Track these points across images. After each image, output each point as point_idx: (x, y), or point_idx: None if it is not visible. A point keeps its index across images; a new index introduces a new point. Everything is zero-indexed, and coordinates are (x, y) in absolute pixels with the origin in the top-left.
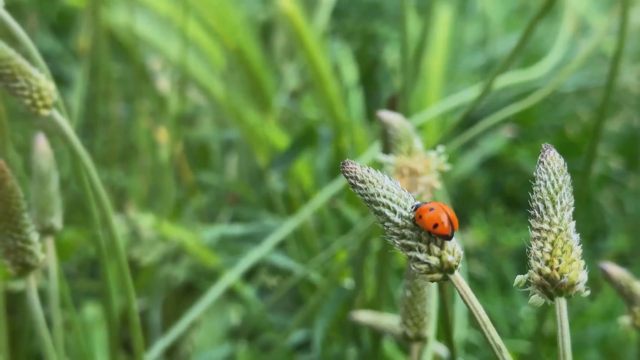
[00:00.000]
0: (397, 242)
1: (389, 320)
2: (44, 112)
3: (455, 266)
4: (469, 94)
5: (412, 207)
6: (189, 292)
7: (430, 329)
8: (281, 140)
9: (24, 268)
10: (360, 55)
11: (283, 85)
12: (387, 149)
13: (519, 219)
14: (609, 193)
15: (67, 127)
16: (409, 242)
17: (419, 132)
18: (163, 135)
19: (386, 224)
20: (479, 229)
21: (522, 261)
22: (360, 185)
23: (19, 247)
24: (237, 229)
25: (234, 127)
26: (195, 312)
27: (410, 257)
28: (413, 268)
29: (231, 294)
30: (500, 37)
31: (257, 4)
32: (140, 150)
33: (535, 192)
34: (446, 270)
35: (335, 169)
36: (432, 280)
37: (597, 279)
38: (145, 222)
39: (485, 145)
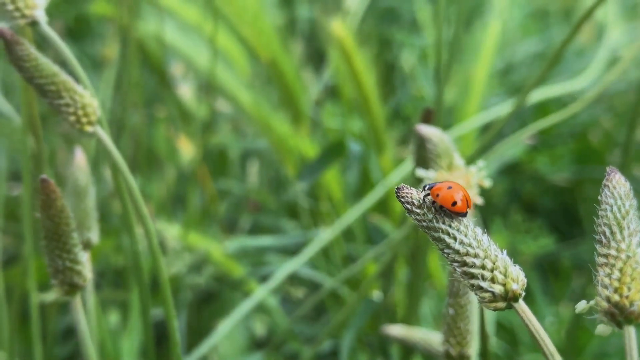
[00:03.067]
0: (458, 269)
1: (421, 335)
2: (88, 129)
3: (520, 294)
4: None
5: (425, 187)
6: (209, 299)
7: (473, 348)
8: (310, 150)
9: (72, 288)
10: (377, 60)
11: (307, 93)
12: (422, 163)
13: (538, 226)
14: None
15: (110, 143)
16: (472, 270)
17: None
18: (184, 142)
19: (445, 250)
20: (497, 236)
21: (542, 269)
22: (417, 211)
23: (68, 267)
24: (265, 240)
25: (259, 135)
26: (225, 326)
27: (472, 286)
28: (476, 296)
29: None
30: (518, 41)
31: (275, 9)
32: (160, 157)
33: (601, 217)
34: (510, 299)
35: (365, 182)
36: (496, 309)
37: None
38: (171, 232)
39: (504, 152)
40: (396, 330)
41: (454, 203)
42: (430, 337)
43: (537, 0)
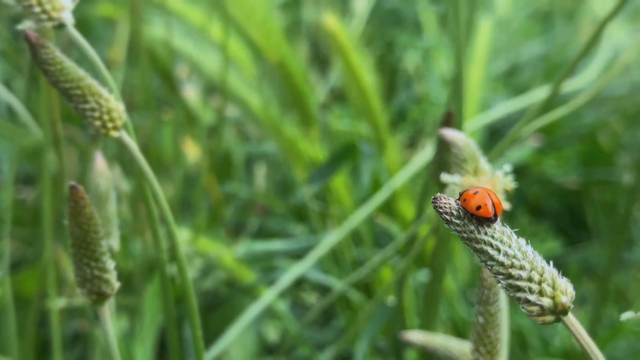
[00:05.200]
0: (502, 282)
1: (441, 341)
2: (114, 134)
3: (570, 307)
4: (507, 105)
5: (460, 194)
6: (218, 305)
7: (503, 356)
8: (319, 153)
9: (100, 297)
10: (380, 62)
11: (315, 96)
12: (444, 167)
13: (544, 229)
14: None
15: (135, 147)
16: (518, 283)
17: None
18: (190, 146)
19: (489, 262)
20: None
21: None
22: (457, 221)
23: (96, 275)
24: (275, 244)
25: (266, 138)
26: (235, 330)
27: (519, 299)
28: (523, 310)
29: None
30: (522, 43)
31: (279, 11)
32: (166, 161)
33: None
34: (559, 312)
35: (375, 184)
36: (544, 323)
37: (627, 292)
38: (182, 237)
39: (511, 155)
40: (415, 336)
41: (479, 207)
42: (450, 343)
43: (539, 1)
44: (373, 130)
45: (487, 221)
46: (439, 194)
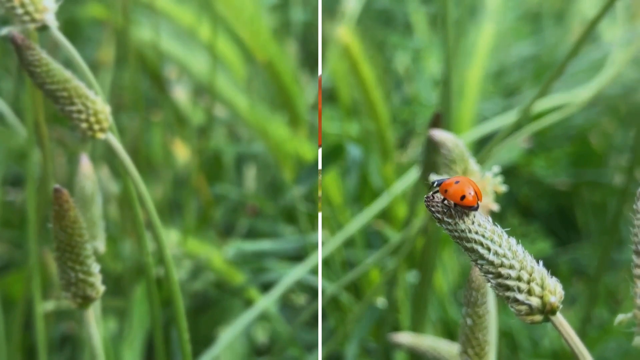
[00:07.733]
0: (492, 281)
1: (429, 343)
2: (101, 136)
3: (558, 307)
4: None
5: (434, 183)
6: (207, 306)
7: (491, 358)
8: (308, 154)
9: (85, 301)
10: (372, 63)
11: (304, 96)
12: (433, 168)
13: (534, 230)
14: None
15: (122, 150)
16: (507, 282)
17: None
18: (179, 147)
19: (479, 261)
20: None
21: None
22: (449, 220)
23: (80, 279)
24: (264, 245)
25: (255, 139)
26: (228, 335)
27: (508, 298)
28: (511, 309)
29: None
30: (511, 44)
31: (269, 11)
32: (155, 162)
33: (636, 227)
34: (548, 311)
35: (364, 186)
36: (532, 322)
37: (617, 293)
38: (171, 238)
39: (501, 156)
40: (404, 338)
41: (462, 197)
42: (439, 345)
43: (529, 2)
44: (379, 143)
45: (469, 210)
46: (431, 194)
